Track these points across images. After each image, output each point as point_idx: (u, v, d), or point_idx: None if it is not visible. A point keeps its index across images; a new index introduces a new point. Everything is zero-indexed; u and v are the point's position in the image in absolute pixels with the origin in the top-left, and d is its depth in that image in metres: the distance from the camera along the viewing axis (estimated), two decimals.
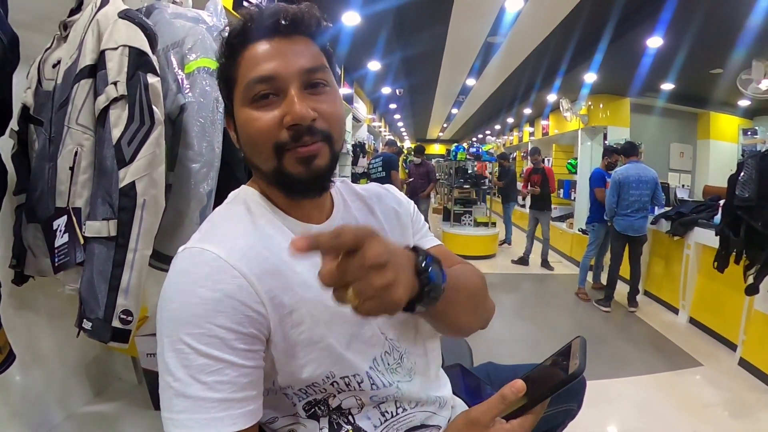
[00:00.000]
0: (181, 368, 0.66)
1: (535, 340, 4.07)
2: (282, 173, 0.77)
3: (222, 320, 0.67)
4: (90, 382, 1.66)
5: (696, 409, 2.89)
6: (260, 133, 0.76)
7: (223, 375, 0.67)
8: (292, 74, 0.76)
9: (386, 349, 0.86)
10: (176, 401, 0.66)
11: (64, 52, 1.26)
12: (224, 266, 0.70)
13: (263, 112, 0.75)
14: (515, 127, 13.26)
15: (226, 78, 0.81)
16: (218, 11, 1.57)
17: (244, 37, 0.78)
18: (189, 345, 0.66)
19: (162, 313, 0.70)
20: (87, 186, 1.23)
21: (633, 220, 4.55)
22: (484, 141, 16.10)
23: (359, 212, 0.96)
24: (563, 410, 1.23)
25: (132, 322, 1.21)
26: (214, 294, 0.68)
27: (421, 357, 0.94)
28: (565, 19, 4.68)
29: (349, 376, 0.79)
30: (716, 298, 3.97)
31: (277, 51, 0.76)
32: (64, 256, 1.23)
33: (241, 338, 0.68)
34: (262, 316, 0.71)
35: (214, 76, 1.42)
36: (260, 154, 0.77)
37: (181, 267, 0.72)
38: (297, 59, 0.77)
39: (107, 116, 1.19)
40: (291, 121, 0.74)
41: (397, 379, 0.85)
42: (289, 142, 0.75)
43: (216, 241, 0.74)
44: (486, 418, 0.65)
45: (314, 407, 0.80)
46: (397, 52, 6.04)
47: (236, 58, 0.78)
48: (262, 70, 0.75)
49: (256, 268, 0.72)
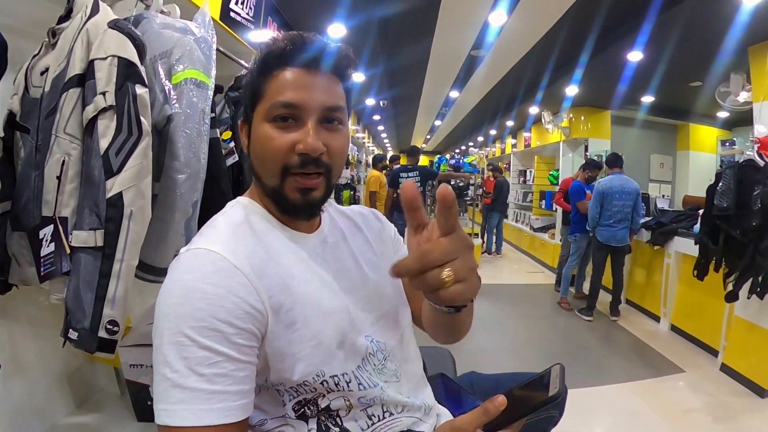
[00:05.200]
0: (180, 360, 0.68)
1: (518, 350, 4.09)
2: (280, 194, 0.85)
3: (224, 315, 0.70)
4: (72, 392, 1.64)
5: (679, 414, 2.93)
6: (273, 152, 0.82)
7: (220, 368, 0.69)
8: (315, 108, 0.82)
9: (371, 350, 0.90)
10: (172, 392, 0.68)
11: (52, 60, 1.26)
12: (227, 266, 0.74)
13: (280, 133, 0.82)
14: (498, 139, 13.38)
15: (253, 89, 0.86)
16: (206, 23, 1.58)
17: (282, 59, 0.84)
18: (190, 337, 0.68)
19: (162, 308, 0.72)
20: (74, 195, 1.22)
21: (615, 230, 4.61)
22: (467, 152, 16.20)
23: (345, 227, 1.02)
24: (545, 418, 1.26)
25: (118, 332, 1.21)
26: (218, 290, 0.71)
27: (406, 359, 0.99)
28: (547, 33, 4.76)
29: (338, 375, 0.83)
30: (697, 306, 4.03)
31: (308, 82, 0.83)
32: (50, 266, 1.22)
33: (240, 333, 0.72)
34: (260, 314, 0.75)
35: (201, 87, 1.43)
36: (267, 169, 0.84)
37: (184, 266, 0.75)
38: (323, 95, 0.83)
39: (95, 126, 1.19)
40: (303, 150, 0.81)
41: (384, 380, 0.90)
42: (296, 167, 0.82)
43: (219, 243, 0.78)
44: (470, 428, 0.67)
45: (303, 407, 0.82)
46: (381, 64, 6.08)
47: (269, 75, 0.84)
48: (290, 97, 0.81)
49: (256, 269, 0.77)
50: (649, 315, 4.87)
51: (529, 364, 3.61)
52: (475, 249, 2.92)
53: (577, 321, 4.85)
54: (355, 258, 0.98)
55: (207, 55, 1.50)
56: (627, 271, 5.10)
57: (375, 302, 0.96)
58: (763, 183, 2.93)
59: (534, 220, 8.91)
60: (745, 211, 2.96)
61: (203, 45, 1.50)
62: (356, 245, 1.01)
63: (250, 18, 2.80)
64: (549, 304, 5.51)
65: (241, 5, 2.66)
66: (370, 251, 1.03)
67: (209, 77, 1.48)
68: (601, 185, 4.71)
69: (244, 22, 2.72)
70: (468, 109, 9.91)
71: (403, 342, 1.00)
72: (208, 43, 1.53)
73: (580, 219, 5.10)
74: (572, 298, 5.48)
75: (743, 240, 2.93)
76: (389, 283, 1.01)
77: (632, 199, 4.63)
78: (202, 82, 1.44)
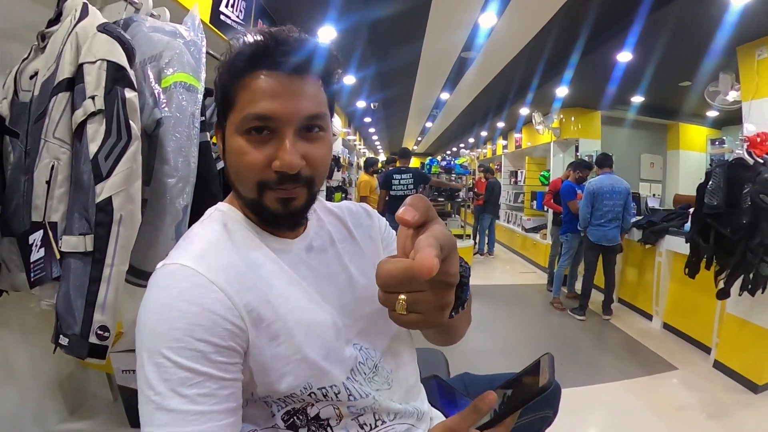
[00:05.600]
0: (162, 382, 0.66)
1: (511, 350, 4.09)
2: (260, 205, 0.80)
3: (201, 333, 0.67)
4: (65, 399, 1.63)
5: (673, 411, 2.94)
6: (247, 168, 0.76)
7: (203, 387, 0.67)
8: (291, 118, 0.75)
9: (361, 359, 0.87)
10: (158, 415, 0.65)
11: (41, 64, 1.25)
12: (203, 281, 0.71)
13: (254, 148, 0.76)
14: (489, 140, 13.40)
15: (224, 94, 0.80)
16: (196, 26, 1.58)
17: (254, 61, 0.75)
18: (169, 358, 0.66)
19: (141, 328, 0.70)
20: (63, 200, 1.22)
21: (606, 230, 4.63)
22: (458, 154, 16.23)
23: (333, 227, 0.97)
24: (540, 417, 1.25)
25: (109, 337, 1.20)
26: (193, 308, 0.68)
27: (398, 365, 0.95)
28: (537, 35, 4.77)
29: (327, 387, 0.80)
30: (689, 304, 4.06)
31: (283, 89, 0.75)
32: (40, 271, 1.21)
33: (219, 351, 0.69)
34: (240, 330, 0.72)
35: (190, 91, 1.43)
36: (243, 184, 0.79)
37: (160, 283, 0.73)
38: (301, 103, 0.76)
39: (84, 130, 1.18)
40: (279, 168, 0.75)
41: (375, 388, 0.86)
42: (272, 183, 0.77)
43: (194, 257, 0.74)
44: (461, 428, 0.66)
45: (293, 417, 0.80)
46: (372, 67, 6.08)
47: (239, 80, 0.77)
48: (263, 108, 0.74)
49: (234, 283, 0.73)
50: (641, 313, 4.89)
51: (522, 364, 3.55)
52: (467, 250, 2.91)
53: (569, 320, 4.87)
54: (342, 262, 0.93)
55: (197, 59, 1.49)
56: (619, 270, 5.13)
57: (363, 308, 0.90)
58: (753, 181, 2.95)
59: (526, 221, 8.93)
60: (735, 209, 2.99)
61: (193, 48, 1.49)
62: (345, 248, 0.96)
63: (240, 21, 2.79)
64: (541, 304, 5.52)
65: (231, 8, 2.66)
66: (359, 254, 0.97)
67: (199, 81, 1.47)
68: (592, 185, 4.74)
69: (234, 25, 2.72)
70: (459, 110, 9.93)
71: (394, 347, 0.95)
72: (198, 46, 1.52)
73: (572, 219, 5.12)
74: (564, 298, 5.49)
75: (734, 237, 2.95)
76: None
77: (623, 199, 4.66)
78: (192, 85, 1.44)
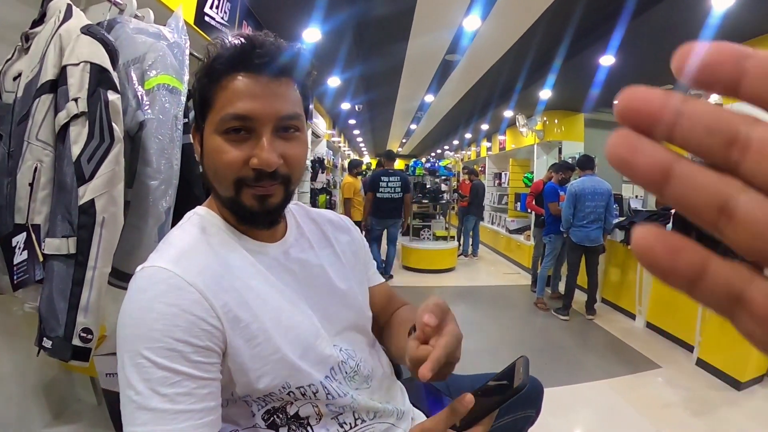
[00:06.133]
0: (142, 382, 0.68)
1: (496, 350, 4.10)
2: (237, 203, 0.82)
3: (179, 334, 0.70)
4: (49, 403, 1.60)
5: (657, 409, 2.98)
6: (225, 166, 0.79)
7: (182, 387, 0.69)
8: (269, 118, 0.78)
9: (342, 358, 0.89)
10: (138, 414, 0.67)
11: (25, 65, 1.24)
12: (180, 283, 0.73)
13: (232, 147, 0.79)
14: (473, 143, 13.48)
15: (202, 97, 0.82)
16: (179, 28, 1.57)
17: (231, 64, 0.79)
18: (148, 359, 0.68)
19: (121, 330, 0.72)
20: (46, 203, 1.21)
21: (589, 231, 4.67)
22: (442, 156, 16.30)
23: (312, 235, 1.00)
24: (522, 417, 1.29)
25: (92, 340, 1.21)
26: (171, 309, 0.71)
27: (377, 365, 0.99)
28: (521, 38, 4.82)
29: (305, 386, 0.82)
30: (671, 303, 4.11)
31: (260, 90, 0.78)
32: (23, 274, 1.20)
33: (197, 351, 0.71)
34: (217, 330, 0.74)
35: (173, 93, 1.42)
36: (221, 182, 0.82)
37: (139, 285, 0.75)
38: (277, 103, 0.79)
39: (67, 133, 1.18)
40: (257, 165, 0.78)
41: (354, 387, 0.89)
42: (250, 180, 0.80)
43: (172, 260, 0.77)
44: (439, 428, 0.68)
45: (273, 416, 0.82)
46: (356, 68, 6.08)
47: (217, 82, 0.79)
48: (241, 108, 0.77)
49: (211, 285, 0.76)
50: (624, 313, 4.95)
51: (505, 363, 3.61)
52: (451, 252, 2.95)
53: (553, 321, 4.91)
54: (322, 267, 0.96)
55: (180, 61, 1.49)
56: (602, 270, 5.18)
57: (343, 312, 0.95)
58: None
59: (510, 222, 8.98)
60: None
61: (176, 50, 1.49)
62: (324, 255, 0.99)
63: (225, 22, 2.78)
64: (526, 305, 5.56)
65: (216, 9, 2.64)
66: (338, 261, 1.01)
67: (182, 83, 1.47)
68: (574, 187, 4.79)
69: (219, 27, 2.70)
70: (443, 113, 9.98)
71: (374, 348, 1.01)
72: (181, 48, 1.52)
73: (554, 220, 5.16)
74: (548, 299, 5.54)
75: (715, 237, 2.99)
76: (358, 292, 1.01)
77: (604, 200, 4.71)
78: (175, 87, 1.43)
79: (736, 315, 0.17)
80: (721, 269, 0.18)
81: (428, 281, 6.55)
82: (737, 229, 0.17)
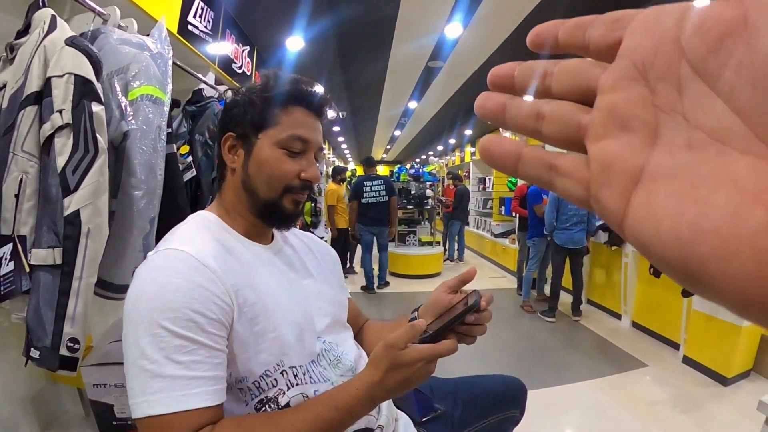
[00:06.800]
0: (158, 351, 0.73)
1: (483, 353, 4.09)
2: (276, 205, 0.97)
3: (196, 306, 0.77)
4: (36, 416, 1.59)
5: (645, 407, 3.00)
6: (283, 174, 0.95)
7: (197, 355, 0.76)
8: (315, 146, 1.00)
9: (325, 347, 1.00)
10: (152, 383, 0.73)
11: (9, 76, 1.24)
12: (195, 263, 0.82)
13: (290, 160, 0.96)
14: (457, 148, 13.59)
15: (263, 114, 0.97)
16: (162, 38, 1.58)
17: (300, 99, 0.98)
18: (166, 328, 0.74)
19: (136, 304, 0.78)
20: (32, 213, 1.22)
21: (572, 233, 4.71)
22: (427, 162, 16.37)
23: (296, 243, 1.14)
24: (506, 417, 1.33)
25: (79, 349, 1.22)
26: (189, 284, 0.79)
27: (360, 356, 1.09)
28: (502, 44, 4.89)
29: (296, 367, 0.91)
30: (656, 302, 4.16)
31: (313, 124, 1.00)
32: (10, 285, 1.21)
33: (211, 323, 0.79)
34: (228, 306, 0.83)
35: (157, 103, 1.44)
36: (269, 185, 0.96)
37: (154, 264, 0.82)
38: (319, 136, 1.01)
39: (52, 144, 1.19)
40: (308, 178, 0.97)
41: (339, 374, 0.98)
42: (295, 189, 0.97)
43: (186, 244, 0.85)
44: (400, 343, 0.80)
45: (265, 405, 0.88)
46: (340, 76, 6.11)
47: (284, 108, 0.97)
48: (305, 134, 0.97)
49: (222, 266, 0.85)
50: (610, 313, 5.00)
51: (493, 366, 3.65)
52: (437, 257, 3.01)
53: (540, 323, 4.94)
54: (307, 269, 1.09)
55: (163, 71, 1.50)
56: (587, 272, 5.24)
57: (328, 308, 1.06)
58: None
59: (494, 226, 9.04)
60: None
61: (159, 61, 1.50)
62: (307, 258, 1.12)
63: (208, 31, 2.78)
64: (512, 308, 5.58)
65: (199, 18, 2.65)
66: (319, 265, 1.14)
67: (165, 93, 1.48)
68: None
69: (202, 35, 2.71)
70: (427, 119, 10.04)
71: (352, 340, 1.12)
72: (164, 59, 1.53)
73: (538, 223, 5.20)
74: (534, 301, 5.57)
75: None
76: (339, 291, 1.15)
77: None
78: (158, 98, 1.45)
79: (553, 180, 0.25)
80: (533, 150, 0.26)
81: (414, 287, 6.56)
82: (546, 124, 0.26)
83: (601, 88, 0.23)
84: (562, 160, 0.25)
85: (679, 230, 0.18)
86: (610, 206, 0.22)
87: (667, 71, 0.21)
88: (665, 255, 0.19)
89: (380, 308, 5.59)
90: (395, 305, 5.70)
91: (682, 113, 0.20)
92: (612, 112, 0.22)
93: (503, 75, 0.28)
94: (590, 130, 0.23)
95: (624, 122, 0.22)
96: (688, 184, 0.19)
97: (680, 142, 0.20)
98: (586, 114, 0.24)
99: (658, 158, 0.20)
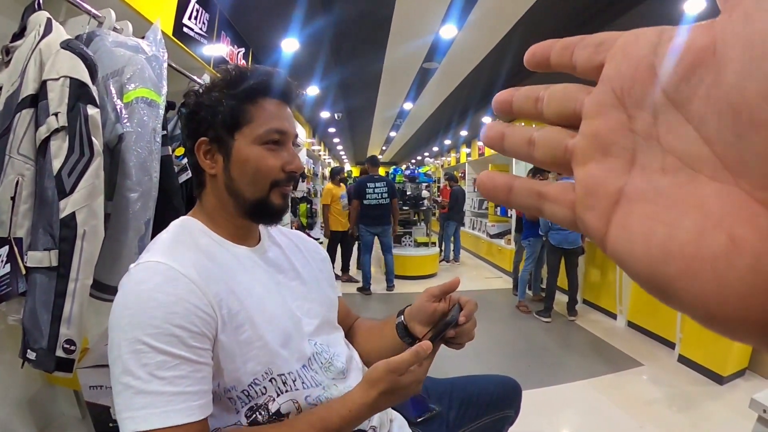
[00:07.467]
0: (141, 367, 0.73)
1: (479, 354, 4.11)
2: (265, 202, 0.95)
3: (177, 320, 0.76)
4: (33, 418, 1.59)
5: (641, 406, 3.02)
6: (268, 170, 0.94)
7: (179, 370, 0.75)
8: (292, 135, 0.98)
9: (316, 350, 0.99)
10: (136, 399, 0.72)
11: (5, 79, 1.25)
12: (176, 274, 0.80)
13: (272, 155, 0.94)
14: (453, 149, 13.59)
15: (235, 113, 0.93)
16: (157, 41, 1.59)
17: (264, 89, 0.95)
18: (148, 344, 0.73)
19: (118, 320, 0.77)
20: (28, 216, 1.22)
21: (567, 233, 4.72)
22: (422, 163, 16.38)
23: (283, 242, 1.12)
24: (501, 417, 1.34)
25: (75, 351, 1.23)
26: (169, 297, 0.77)
27: (351, 357, 1.08)
28: (496, 45, 4.90)
29: (285, 374, 0.90)
30: (652, 302, 4.16)
31: (285, 113, 0.97)
32: (6, 287, 1.22)
33: (194, 336, 0.77)
34: (211, 318, 0.81)
35: (152, 106, 1.44)
36: (255, 184, 0.94)
37: (136, 278, 0.81)
38: (293, 124, 0.99)
39: (48, 147, 1.20)
40: (294, 170, 0.96)
41: (330, 377, 0.97)
42: (282, 182, 0.96)
43: (165, 255, 0.84)
44: (402, 368, 0.82)
45: (255, 413, 0.87)
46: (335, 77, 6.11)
47: (252, 102, 0.94)
48: (280, 125, 0.95)
49: (203, 276, 0.83)
50: (606, 313, 5.02)
51: (489, 367, 3.66)
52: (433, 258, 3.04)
53: (535, 323, 4.95)
54: (295, 269, 1.07)
55: (158, 74, 1.51)
56: (582, 271, 5.25)
57: (317, 309, 1.05)
58: None
59: (490, 227, 9.05)
60: None
61: (154, 63, 1.51)
62: (295, 258, 1.10)
63: (203, 33, 2.78)
64: (508, 308, 5.59)
65: (194, 20, 2.65)
66: (308, 265, 1.12)
67: (160, 96, 1.49)
68: None
69: (197, 37, 2.71)
70: (422, 120, 10.05)
71: (344, 342, 1.11)
72: (159, 61, 1.54)
73: (533, 224, 5.21)
74: (530, 301, 5.58)
75: None
76: (329, 291, 1.13)
77: None
78: (153, 101, 1.46)
79: (542, 206, 0.26)
80: (523, 182, 0.28)
81: (410, 288, 6.55)
82: (537, 149, 0.27)
83: (584, 113, 0.25)
84: (549, 188, 0.27)
85: (650, 250, 0.20)
86: (592, 226, 0.23)
87: (642, 98, 0.22)
88: (639, 272, 0.21)
89: (375, 309, 5.58)
90: (391, 306, 5.69)
91: (657, 139, 0.21)
92: (594, 138, 0.24)
93: (503, 101, 0.29)
94: (576, 154, 0.25)
95: (605, 148, 0.23)
96: (660, 207, 0.20)
97: (655, 166, 0.21)
98: (572, 138, 0.25)
99: (635, 182, 0.22)
